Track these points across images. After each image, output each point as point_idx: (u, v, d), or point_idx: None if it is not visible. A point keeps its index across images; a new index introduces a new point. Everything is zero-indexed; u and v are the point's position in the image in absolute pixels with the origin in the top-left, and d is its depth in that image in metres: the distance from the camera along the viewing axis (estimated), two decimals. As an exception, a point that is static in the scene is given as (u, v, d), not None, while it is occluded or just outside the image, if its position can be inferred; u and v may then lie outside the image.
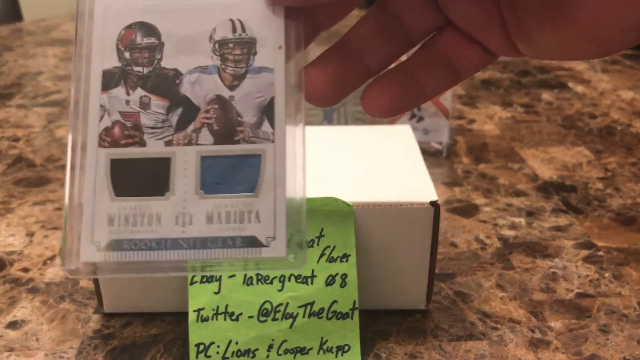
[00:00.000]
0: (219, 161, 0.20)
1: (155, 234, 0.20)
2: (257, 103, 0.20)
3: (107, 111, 0.21)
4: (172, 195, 0.20)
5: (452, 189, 0.54)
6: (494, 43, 0.21)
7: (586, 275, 0.42)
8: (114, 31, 0.21)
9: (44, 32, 1.10)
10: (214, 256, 0.20)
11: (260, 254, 0.20)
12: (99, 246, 0.20)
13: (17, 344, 0.36)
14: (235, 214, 0.20)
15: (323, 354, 0.34)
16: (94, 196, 0.20)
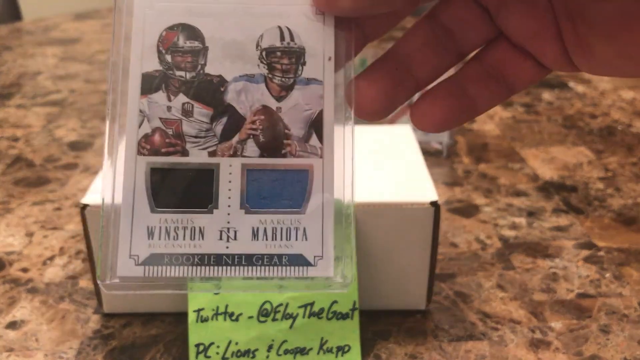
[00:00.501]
0: (265, 175, 0.19)
1: (198, 248, 0.19)
2: (305, 116, 0.20)
3: (146, 117, 0.19)
4: (215, 208, 0.19)
5: (453, 189, 0.54)
6: (549, 57, 0.20)
7: (587, 276, 0.42)
8: (155, 32, 0.20)
9: (43, 31, 1.10)
10: (260, 274, 0.19)
11: (307, 273, 0.19)
12: (137, 260, 0.19)
13: (16, 344, 0.36)
14: (281, 231, 0.19)
15: (323, 354, 0.34)
16: (132, 207, 0.19)
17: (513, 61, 0.21)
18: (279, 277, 0.19)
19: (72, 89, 0.80)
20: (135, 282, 0.19)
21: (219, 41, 0.20)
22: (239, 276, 0.19)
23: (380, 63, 0.20)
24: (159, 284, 0.19)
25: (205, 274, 0.19)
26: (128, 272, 0.19)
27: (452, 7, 0.20)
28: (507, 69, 0.21)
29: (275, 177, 0.19)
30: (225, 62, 0.20)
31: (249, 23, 0.20)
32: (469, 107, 0.21)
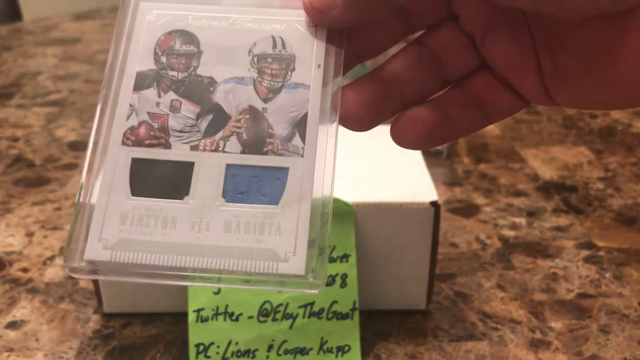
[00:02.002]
0: (244, 171, 0.20)
1: (168, 237, 0.19)
2: (290, 117, 0.20)
3: (135, 110, 0.20)
4: (191, 199, 0.19)
5: (453, 189, 0.54)
6: (528, 89, 0.21)
7: (587, 276, 0.42)
8: (154, 36, 0.21)
9: (43, 31, 1.10)
10: (228, 267, 0.19)
11: (277, 269, 0.19)
12: (106, 244, 0.19)
13: (16, 344, 0.36)
14: (255, 225, 0.19)
15: (323, 354, 0.34)
16: (109, 193, 0.19)
17: (493, 91, 0.21)
18: (247, 271, 0.19)
19: (72, 89, 0.80)
20: (101, 267, 0.19)
21: (213, 47, 0.21)
22: (207, 267, 0.19)
23: (369, 77, 0.21)
24: (124, 271, 0.19)
25: (173, 263, 0.19)
26: (95, 255, 0.19)
27: (439, 34, 0.21)
28: (487, 98, 0.21)
29: (254, 174, 0.20)
30: (217, 65, 0.21)
31: (244, 32, 0.21)
32: (449, 130, 0.21)
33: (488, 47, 0.21)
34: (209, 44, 0.21)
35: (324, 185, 0.19)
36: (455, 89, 0.22)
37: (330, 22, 0.20)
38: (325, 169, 0.20)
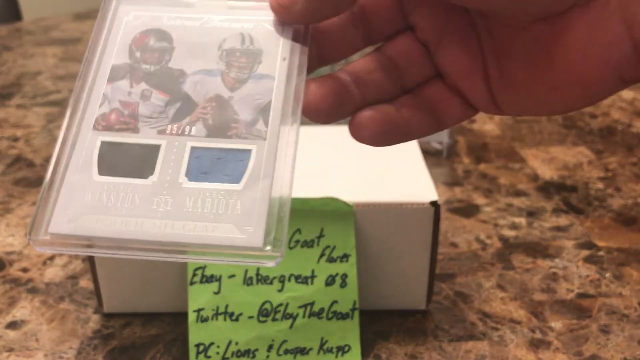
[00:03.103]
0: (208, 153, 0.21)
1: (131, 212, 0.20)
2: (255, 104, 0.21)
3: (108, 99, 0.22)
4: (154, 179, 0.20)
5: (453, 189, 0.54)
6: (476, 96, 0.22)
7: (587, 276, 0.42)
8: (130, 33, 0.22)
9: (43, 31, 1.10)
10: (187, 240, 0.19)
11: (235, 242, 0.19)
12: (70, 218, 0.20)
13: (16, 344, 0.36)
14: (215, 202, 0.20)
15: (323, 354, 0.34)
16: (77, 173, 0.20)
17: (444, 98, 0.23)
18: (208, 244, 0.19)
19: (72, 89, 0.80)
20: (64, 240, 0.20)
21: (185, 43, 0.22)
22: (168, 241, 0.19)
23: (332, 75, 0.22)
24: (87, 244, 0.20)
25: (135, 237, 0.20)
26: (60, 229, 0.20)
27: (397, 44, 0.23)
28: (439, 105, 0.23)
29: (218, 156, 0.21)
30: (188, 59, 0.22)
31: (215, 30, 0.22)
32: (403, 130, 0.23)
33: (440, 56, 0.22)
34: (181, 40, 0.22)
35: (285, 168, 0.20)
36: (411, 94, 0.23)
37: (294, 18, 0.21)
38: (287, 153, 0.21)
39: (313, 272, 0.35)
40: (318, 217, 0.35)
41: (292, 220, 0.35)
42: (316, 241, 0.35)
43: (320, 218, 0.35)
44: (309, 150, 0.42)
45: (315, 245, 0.35)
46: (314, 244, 0.35)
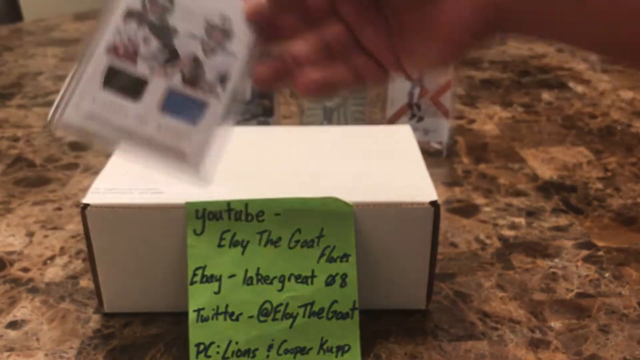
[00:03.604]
0: (180, 97, 0.29)
1: (120, 121, 0.29)
2: (220, 71, 0.30)
3: (120, 32, 0.29)
4: (140, 102, 0.29)
5: (452, 189, 0.54)
6: (387, 62, 0.30)
7: (586, 275, 0.42)
8: None
9: (43, 32, 1.10)
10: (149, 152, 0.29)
11: (185, 163, 0.30)
12: (80, 113, 0.29)
13: (17, 344, 0.36)
14: (177, 132, 0.29)
15: (323, 354, 0.34)
16: (88, 80, 0.29)
17: (365, 64, 0.30)
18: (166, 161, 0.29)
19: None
20: (72, 127, 0.29)
21: (182, 8, 0.29)
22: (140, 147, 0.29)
23: (276, 57, 0.30)
24: (87, 134, 0.29)
25: (120, 138, 0.29)
26: (71, 120, 0.29)
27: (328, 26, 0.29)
28: (361, 69, 0.30)
29: (185, 100, 0.29)
30: (181, 21, 0.29)
31: (206, 4, 0.30)
32: (333, 88, 0.30)
33: (359, 34, 0.29)
34: (180, 5, 0.29)
35: (227, 122, 0.30)
36: (340, 60, 0.30)
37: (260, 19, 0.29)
38: (230, 111, 0.30)
39: (313, 272, 0.35)
40: (318, 217, 0.35)
41: (292, 220, 0.35)
42: (316, 241, 0.35)
43: (320, 218, 0.35)
44: (309, 150, 0.42)
45: (315, 245, 0.35)
46: (314, 244, 0.35)
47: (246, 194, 0.35)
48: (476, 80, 0.83)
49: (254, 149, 0.42)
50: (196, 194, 0.36)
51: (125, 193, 0.36)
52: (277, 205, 0.35)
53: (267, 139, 0.44)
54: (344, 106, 0.59)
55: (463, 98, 0.76)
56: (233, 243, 0.35)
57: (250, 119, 0.59)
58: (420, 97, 0.59)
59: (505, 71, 0.86)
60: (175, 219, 0.35)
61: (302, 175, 0.38)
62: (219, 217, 0.35)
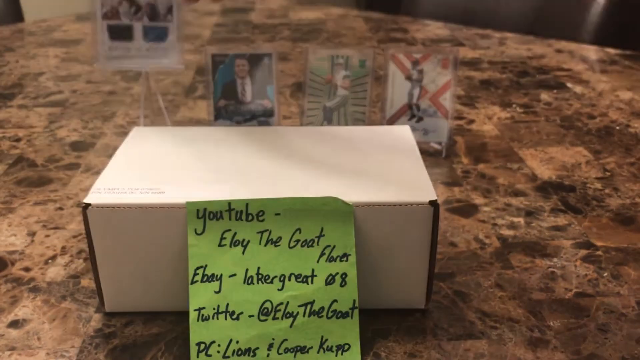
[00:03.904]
0: (150, 28, 0.52)
1: (124, 53, 0.53)
2: (166, 5, 0.51)
3: (104, 5, 0.52)
4: (134, 40, 0.52)
5: (452, 189, 0.54)
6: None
7: (585, 275, 0.42)
8: None
9: (45, 32, 1.10)
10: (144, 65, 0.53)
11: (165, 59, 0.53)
12: (106, 58, 0.52)
13: (18, 343, 0.37)
14: (154, 47, 0.51)
15: (323, 353, 0.35)
16: (102, 39, 0.53)
17: None
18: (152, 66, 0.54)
19: (74, 89, 0.81)
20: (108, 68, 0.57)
21: None
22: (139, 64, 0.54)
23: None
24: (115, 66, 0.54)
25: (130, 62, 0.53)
26: (104, 64, 0.53)
27: None
28: None
29: (154, 29, 0.51)
30: None
31: None
32: None
33: None
34: None
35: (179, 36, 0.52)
36: None
37: None
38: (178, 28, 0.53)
39: (313, 271, 0.35)
40: (318, 216, 0.35)
41: (292, 220, 0.35)
42: (316, 241, 0.35)
43: (320, 218, 0.35)
44: (309, 150, 0.42)
45: (315, 245, 0.35)
46: (314, 244, 0.35)
47: (246, 194, 0.36)
48: (475, 81, 0.83)
49: (254, 149, 0.42)
50: (197, 194, 0.36)
51: (127, 193, 0.36)
52: (277, 205, 0.35)
53: (267, 139, 0.44)
54: (344, 106, 0.59)
55: (462, 98, 0.76)
56: (233, 242, 0.35)
57: (251, 119, 0.59)
58: (420, 97, 0.59)
59: (504, 72, 0.87)
60: (176, 219, 0.35)
61: (302, 175, 0.39)
62: (220, 216, 0.35)
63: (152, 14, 0.48)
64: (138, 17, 0.48)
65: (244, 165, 0.40)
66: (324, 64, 0.58)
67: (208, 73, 0.57)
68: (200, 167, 0.40)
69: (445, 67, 0.58)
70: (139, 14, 0.48)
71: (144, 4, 0.47)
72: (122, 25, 0.49)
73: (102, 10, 0.48)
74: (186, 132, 0.45)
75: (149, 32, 0.49)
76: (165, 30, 0.49)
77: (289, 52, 0.97)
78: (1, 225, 0.49)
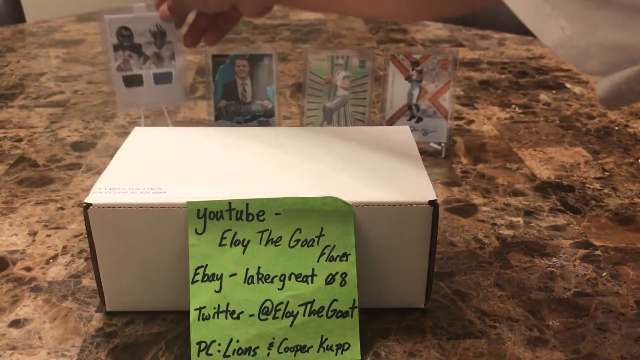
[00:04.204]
0: (158, 74, 0.56)
1: (141, 98, 0.57)
2: (169, 53, 0.56)
3: (116, 58, 0.55)
4: (144, 85, 0.57)
5: (451, 189, 0.54)
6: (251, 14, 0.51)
7: (584, 275, 0.43)
8: (113, 28, 0.55)
9: (46, 33, 1.10)
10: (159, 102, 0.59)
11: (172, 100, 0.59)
12: (124, 102, 0.57)
13: (19, 343, 0.37)
14: (164, 90, 0.57)
15: (323, 352, 0.35)
16: (119, 88, 0.56)
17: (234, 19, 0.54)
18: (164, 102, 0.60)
19: (75, 89, 0.81)
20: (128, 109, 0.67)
21: (136, 31, 0.55)
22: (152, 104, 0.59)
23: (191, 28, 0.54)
24: (133, 108, 0.60)
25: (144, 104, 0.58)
26: (121, 107, 0.58)
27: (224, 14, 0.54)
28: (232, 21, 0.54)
29: (161, 74, 0.57)
30: (140, 38, 0.55)
31: (147, 21, 0.55)
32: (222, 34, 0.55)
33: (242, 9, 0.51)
34: (135, 30, 0.54)
35: (184, 76, 0.58)
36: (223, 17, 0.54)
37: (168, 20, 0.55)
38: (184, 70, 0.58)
39: (313, 271, 0.35)
40: (318, 216, 0.35)
41: (292, 220, 0.35)
42: (316, 240, 0.35)
43: (320, 217, 0.35)
44: (309, 150, 0.42)
45: (315, 245, 0.35)
46: (314, 243, 0.35)
47: (247, 194, 0.36)
48: (475, 81, 0.83)
49: (254, 149, 0.42)
50: (197, 194, 0.36)
51: (127, 193, 0.36)
52: (277, 204, 0.35)
53: (267, 139, 0.44)
54: (344, 107, 0.59)
55: (462, 99, 0.77)
56: (234, 242, 0.35)
57: (251, 120, 0.59)
58: (420, 98, 0.59)
59: (503, 72, 0.87)
60: (177, 219, 0.35)
61: (302, 175, 0.39)
62: (220, 216, 0.35)
63: (158, 61, 0.55)
64: (147, 66, 0.54)
65: (244, 165, 0.40)
66: (324, 64, 0.58)
67: (208, 73, 0.58)
68: (201, 167, 0.40)
69: (445, 67, 0.58)
70: (147, 63, 0.54)
71: (150, 55, 0.54)
72: (134, 75, 0.55)
73: (116, 63, 0.54)
74: (187, 133, 0.45)
75: (156, 77, 0.56)
76: (170, 74, 0.56)
77: (289, 53, 0.97)
78: (2, 225, 0.49)
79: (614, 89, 0.25)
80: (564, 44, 0.24)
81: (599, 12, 0.23)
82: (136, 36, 0.54)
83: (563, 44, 0.25)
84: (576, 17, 0.24)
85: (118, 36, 0.54)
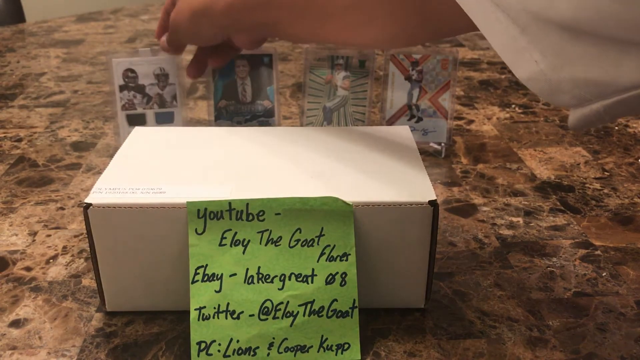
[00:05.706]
0: (160, 114, 0.58)
1: None
2: (171, 94, 0.58)
3: (122, 98, 0.58)
4: (147, 124, 0.58)
5: (451, 189, 0.54)
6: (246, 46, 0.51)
7: (584, 275, 0.43)
8: (120, 70, 0.58)
9: (46, 33, 1.10)
10: None
11: None
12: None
13: (19, 343, 0.37)
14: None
15: (323, 352, 0.35)
16: (123, 126, 0.59)
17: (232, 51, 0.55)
18: None
19: (75, 89, 0.81)
20: None
21: (141, 73, 0.58)
22: None
23: (195, 60, 0.56)
24: None
25: None
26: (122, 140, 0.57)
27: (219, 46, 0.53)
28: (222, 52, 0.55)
29: (164, 114, 0.59)
30: (145, 79, 0.58)
31: (150, 64, 0.58)
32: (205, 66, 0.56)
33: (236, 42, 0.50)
34: (140, 73, 0.57)
35: (183, 114, 0.59)
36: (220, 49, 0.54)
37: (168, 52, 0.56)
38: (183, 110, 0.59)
39: (313, 270, 0.35)
40: (318, 216, 0.35)
41: (292, 220, 0.35)
42: (316, 240, 0.35)
43: (320, 217, 0.35)
44: (309, 150, 0.42)
45: (315, 244, 0.35)
46: (314, 243, 0.35)
47: (247, 194, 0.36)
48: (475, 81, 0.83)
49: (254, 149, 0.42)
50: (197, 194, 0.36)
51: (127, 193, 0.36)
52: (277, 204, 0.35)
53: (267, 139, 0.44)
54: (343, 107, 0.59)
55: (462, 99, 0.77)
56: (234, 242, 0.35)
57: (251, 120, 0.59)
58: (419, 98, 0.59)
59: (503, 72, 0.87)
60: (177, 219, 0.35)
61: (302, 175, 0.39)
62: (220, 216, 0.35)
63: (160, 101, 0.57)
64: (150, 106, 0.57)
65: (244, 165, 0.40)
66: (324, 64, 0.58)
67: (209, 74, 0.58)
68: (201, 167, 0.40)
69: (445, 67, 0.58)
70: (150, 103, 0.57)
71: (153, 95, 0.57)
72: (138, 114, 0.58)
73: (121, 103, 0.57)
74: (187, 132, 0.45)
75: (159, 117, 0.58)
76: (172, 114, 0.58)
77: (289, 53, 0.97)
78: (2, 225, 0.49)
79: (583, 119, 0.25)
80: (536, 77, 0.25)
81: (574, 46, 0.23)
82: (141, 78, 0.57)
83: (535, 77, 0.25)
84: (551, 51, 0.24)
85: (124, 77, 0.57)
